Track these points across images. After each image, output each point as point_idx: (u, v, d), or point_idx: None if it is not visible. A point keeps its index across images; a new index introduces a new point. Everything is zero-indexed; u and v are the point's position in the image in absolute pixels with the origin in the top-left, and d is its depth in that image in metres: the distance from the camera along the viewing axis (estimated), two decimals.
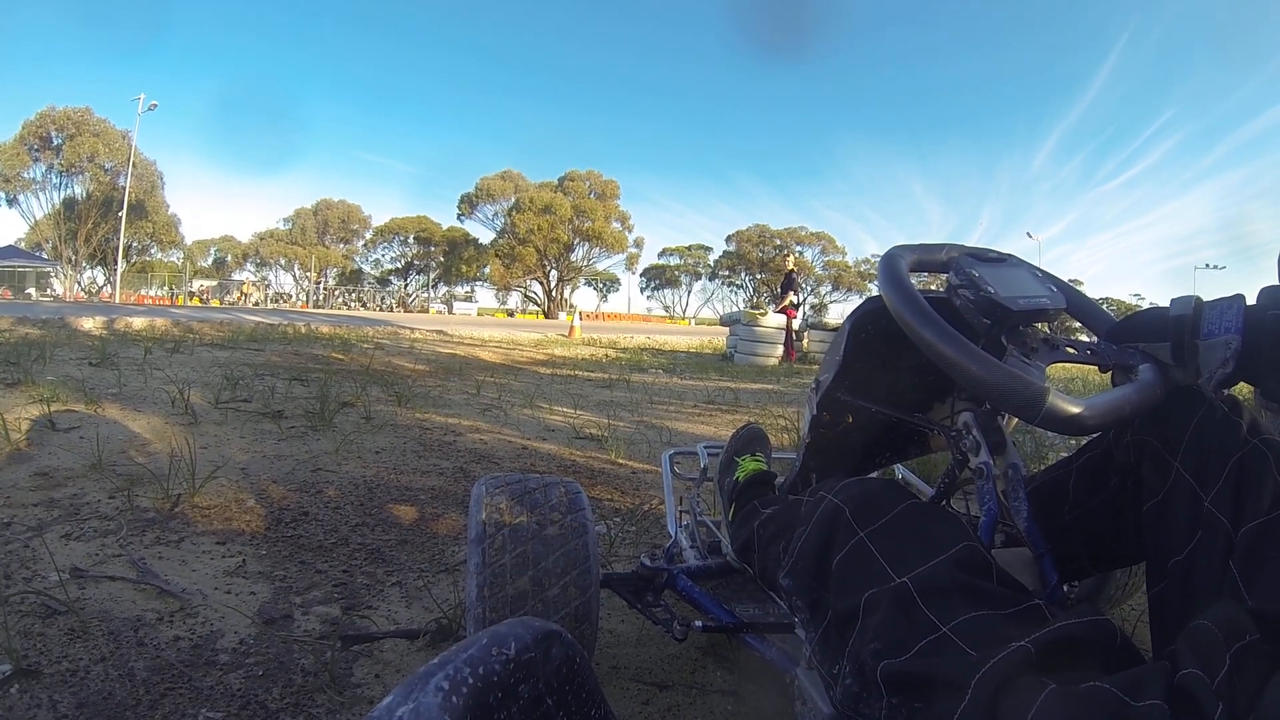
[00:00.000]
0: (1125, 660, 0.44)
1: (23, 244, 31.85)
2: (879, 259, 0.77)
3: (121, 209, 29.20)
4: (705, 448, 1.40)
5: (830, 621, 0.59)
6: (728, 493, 1.06)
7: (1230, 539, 0.54)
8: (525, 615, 0.84)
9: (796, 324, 9.15)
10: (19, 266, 28.98)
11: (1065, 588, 0.83)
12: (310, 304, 36.03)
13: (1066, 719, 0.38)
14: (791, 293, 9.20)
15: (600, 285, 47.49)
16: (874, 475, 0.67)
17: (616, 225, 39.16)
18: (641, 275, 48.88)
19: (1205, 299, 0.65)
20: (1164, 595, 0.59)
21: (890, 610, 0.52)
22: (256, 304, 31.36)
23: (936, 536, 0.57)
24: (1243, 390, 0.65)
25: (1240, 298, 0.62)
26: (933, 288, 0.88)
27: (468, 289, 43.73)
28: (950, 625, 0.48)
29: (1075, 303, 0.79)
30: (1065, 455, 0.83)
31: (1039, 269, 0.79)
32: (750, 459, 1.08)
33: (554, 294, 39.57)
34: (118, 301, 23.06)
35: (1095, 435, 0.75)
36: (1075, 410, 0.59)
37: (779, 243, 42.61)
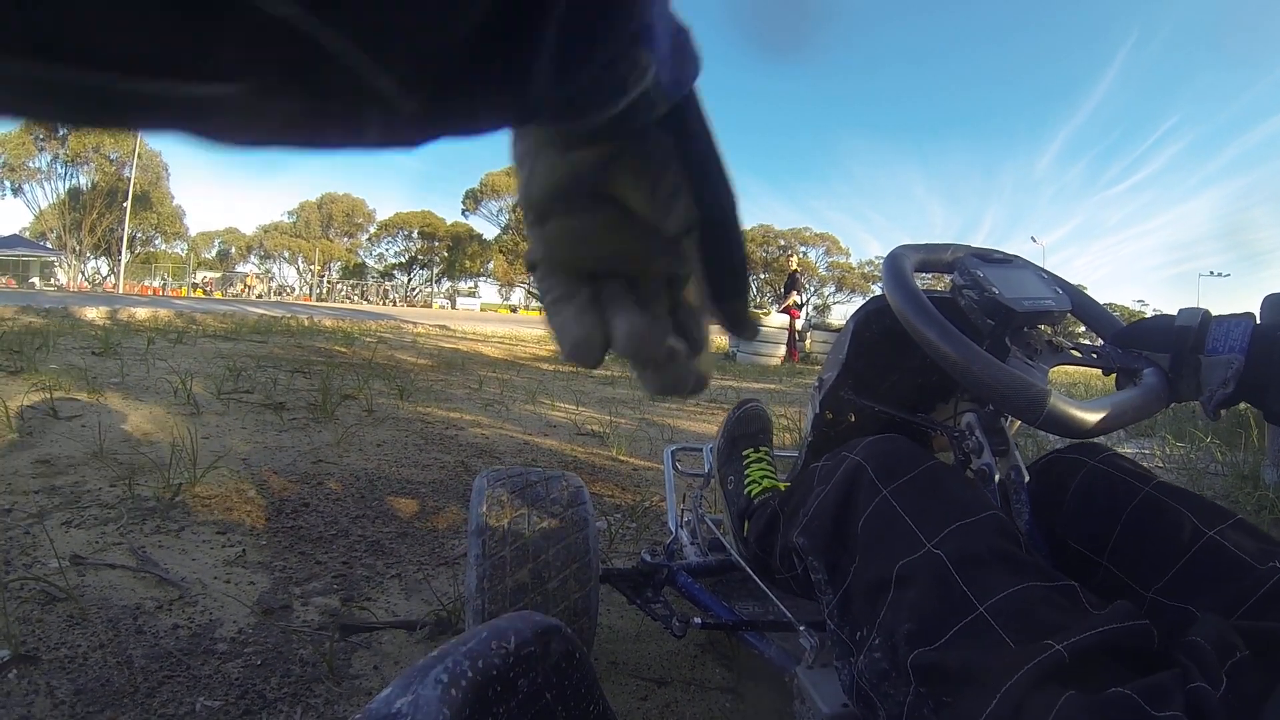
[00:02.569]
0: (1157, 665, 0.44)
1: (27, 233, 31.93)
2: (883, 259, 0.76)
3: (126, 199, 29.24)
4: (711, 450, 1.39)
5: (853, 586, 0.57)
6: (739, 507, 0.99)
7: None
8: (524, 607, 0.84)
9: (800, 324, 9.14)
10: (23, 256, 29.05)
11: None
12: (313, 297, 36.09)
13: None
14: (795, 293, 9.18)
15: None
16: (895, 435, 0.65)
17: None
18: None
19: (1215, 312, 0.65)
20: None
21: (926, 586, 0.51)
22: (260, 296, 31.42)
23: (964, 500, 0.56)
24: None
25: (1250, 317, 0.62)
26: (937, 289, 0.87)
27: (471, 284, 43.78)
28: (988, 604, 0.47)
29: (1080, 305, 0.78)
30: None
31: (1044, 270, 0.79)
32: (757, 464, 1.03)
33: None
34: (121, 292, 23.11)
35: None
36: (1078, 413, 0.59)
37: (783, 243, 42.54)
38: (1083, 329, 0.83)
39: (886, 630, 0.52)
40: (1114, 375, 0.71)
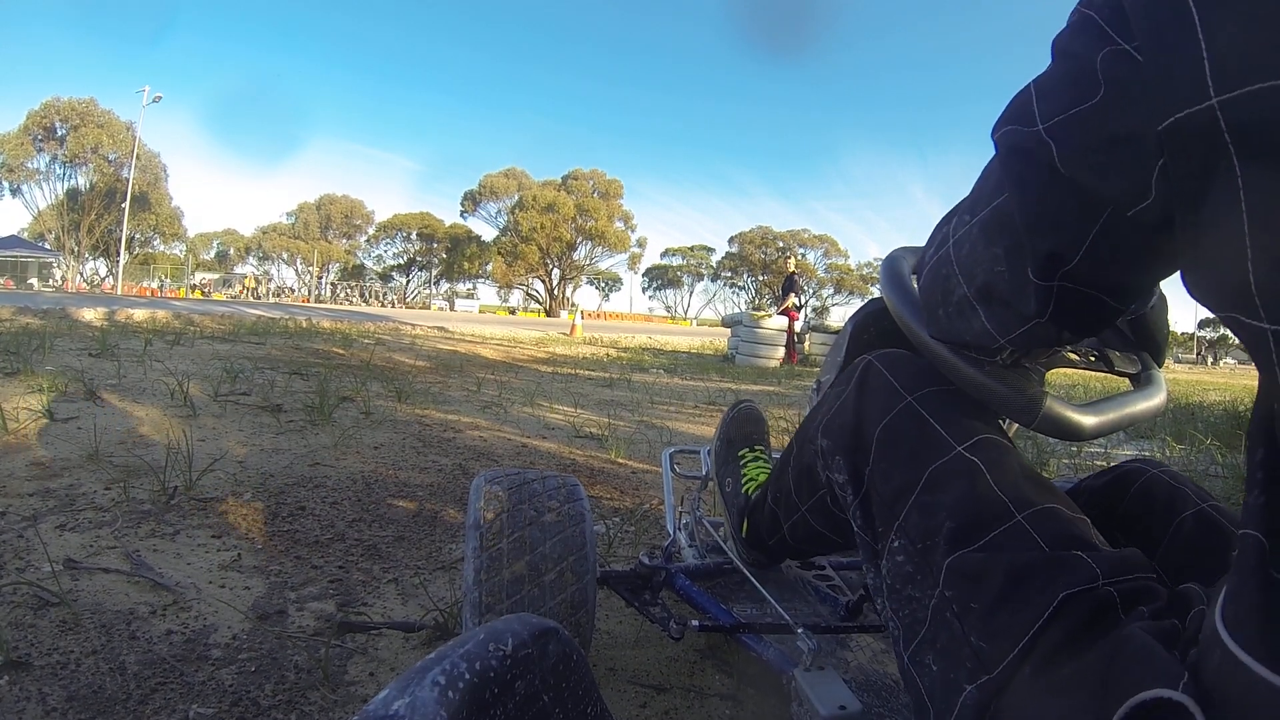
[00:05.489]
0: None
1: (26, 234, 31.91)
2: (881, 261, 0.76)
3: (125, 201, 29.21)
4: (709, 452, 1.39)
5: (875, 489, 0.57)
6: (738, 508, 0.98)
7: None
8: (521, 600, 0.84)
9: (798, 326, 9.15)
10: (22, 257, 29.05)
11: None
12: (312, 298, 36.09)
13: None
14: (793, 295, 9.19)
15: (602, 284, 47.58)
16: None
17: (619, 225, 39.20)
18: (644, 275, 49.04)
19: None
20: None
21: (962, 489, 0.50)
22: (258, 298, 31.40)
23: (987, 421, 0.57)
24: (1246, 397, 0.65)
25: None
26: None
27: (469, 286, 43.82)
28: (1024, 514, 0.48)
29: None
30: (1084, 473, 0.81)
31: None
32: (754, 463, 1.02)
33: (556, 292, 39.59)
34: (119, 293, 23.07)
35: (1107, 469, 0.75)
36: (1074, 416, 0.58)
37: (781, 245, 42.69)
38: None
39: (914, 532, 0.51)
40: (1120, 377, 0.70)
